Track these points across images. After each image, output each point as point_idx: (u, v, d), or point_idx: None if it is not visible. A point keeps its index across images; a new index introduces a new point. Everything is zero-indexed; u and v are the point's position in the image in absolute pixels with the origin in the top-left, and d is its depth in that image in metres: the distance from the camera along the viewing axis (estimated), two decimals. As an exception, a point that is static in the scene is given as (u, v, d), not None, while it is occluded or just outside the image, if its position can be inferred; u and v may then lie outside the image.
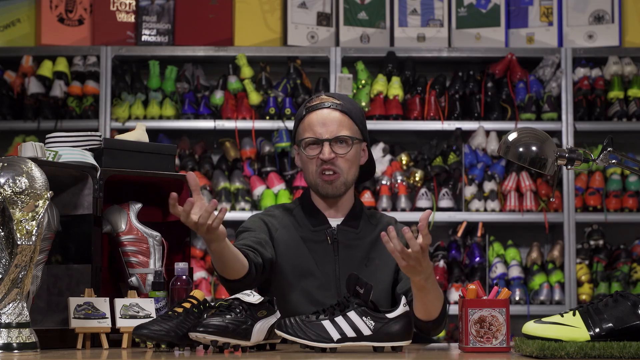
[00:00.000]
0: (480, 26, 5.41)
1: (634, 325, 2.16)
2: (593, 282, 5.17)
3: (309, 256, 2.85)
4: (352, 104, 2.92)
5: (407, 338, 2.32)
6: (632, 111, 5.23)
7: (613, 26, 5.34)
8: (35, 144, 2.49)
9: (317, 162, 2.84)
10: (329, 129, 2.84)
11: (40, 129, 5.18)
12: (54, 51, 5.35)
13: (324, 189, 2.86)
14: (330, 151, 2.83)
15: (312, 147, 2.85)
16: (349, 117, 2.87)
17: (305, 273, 2.83)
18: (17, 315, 2.25)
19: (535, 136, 2.45)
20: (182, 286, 2.56)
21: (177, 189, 2.82)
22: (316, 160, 2.84)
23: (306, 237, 2.88)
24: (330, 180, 2.84)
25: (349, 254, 2.85)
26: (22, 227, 2.19)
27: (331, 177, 2.84)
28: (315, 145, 2.85)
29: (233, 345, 2.27)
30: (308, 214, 2.91)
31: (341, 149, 2.84)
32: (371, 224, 2.94)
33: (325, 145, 2.83)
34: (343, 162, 2.84)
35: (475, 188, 5.19)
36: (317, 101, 2.90)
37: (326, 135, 2.84)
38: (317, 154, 2.84)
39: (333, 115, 2.85)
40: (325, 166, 2.83)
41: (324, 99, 2.89)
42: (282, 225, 2.90)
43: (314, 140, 2.85)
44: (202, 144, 5.41)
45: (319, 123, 2.84)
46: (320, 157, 2.83)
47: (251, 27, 5.35)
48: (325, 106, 2.87)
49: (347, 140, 2.84)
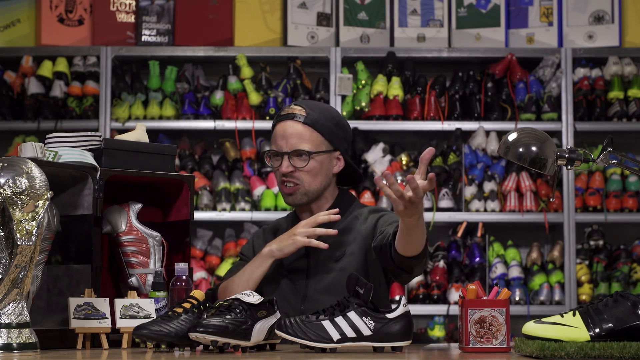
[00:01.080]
0: (480, 26, 5.41)
1: (634, 326, 2.16)
2: (593, 283, 5.17)
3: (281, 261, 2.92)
4: (321, 113, 2.95)
5: (407, 338, 2.32)
6: (632, 111, 5.23)
7: (613, 26, 5.34)
8: (35, 144, 2.49)
9: (279, 175, 2.94)
10: (288, 142, 2.91)
11: (40, 129, 5.18)
12: (54, 51, 5.35)
13: (286, 199, 2.97)
14: (288, 164, 2.91)
15: (275, 159, 2.95)
16: (312, 129, 2.92)
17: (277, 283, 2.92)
18: (17, 315, 2.25)
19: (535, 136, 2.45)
20: (182, 286, 2.56)
21: (177, 189, 2.82)
22: (277, 172, 2.95)
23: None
24: (290, 192, 2.93)
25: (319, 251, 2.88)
26: (22, 227, 2.19)
27: (291, 189, 2.93)
28: (277, 157, 2.94)
29: (233, 345, 2.27)
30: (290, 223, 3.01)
31: (299, 162, 2.91)
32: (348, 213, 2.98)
33: (284, 158, 2.92)
34: (303, 175, 2.92)
35: (475, 188, 5.19)
36: (286, 111, 2.96)
37: (285, 148, 2.91)
38: (278, 167, 2.93)
39: (294, 128, 2.92)
40: (284, 178, 2.93)
41: (292, 109, 2.96)
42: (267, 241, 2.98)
43: (274, 152, 2.94)
44: (202, 144, 5.41)
45: (280, 135, 2.93)
46: (280, 170, 2.92)
47: (251, 27, 5.35)
48: (289, 117, 2.94)
49: (304, 154, 2.91)
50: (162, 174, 2.78)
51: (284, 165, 2.91)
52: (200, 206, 5.13)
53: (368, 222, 2.93)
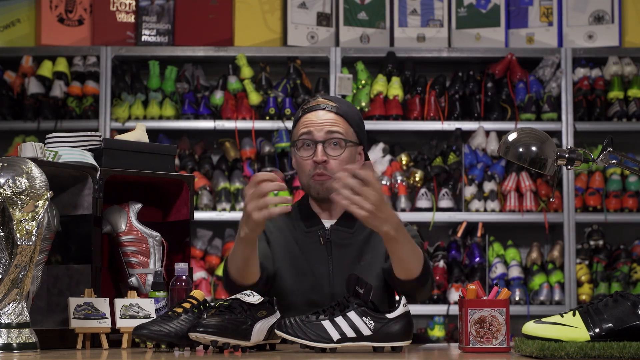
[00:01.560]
0: (480, 26, 5.41)
1: (633, 326, 2.16)
2: (593, 283, 5.17)
3: (302, 257, 2.83)
4: (349, 107, 2.89)
5: (407, 338, 2.32)
6: (632, 111, 5.23)
7: (613, 26, 5.34)
8: (35, 144, 2.49)
9: (311, 165, 2.81)
10: (322, 130, 2.80)
11: (40, 129, 5.18)
12: (54, 51, 5.35)
13: (315, 189, 2.83)
14: (322, 153, 2.79)
15: (305, 149, 2.82)
16: (344, 119, 2.84)
17: (300, 275, 2.82)
18: (17, 315, 2.25)
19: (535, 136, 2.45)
20: (182, 286, 2.56)
21: (177, 189, 2.82)
22: (310, 163, 2.81)
23: (299, 238, 2.86)
24: (322, 181, 2.80)
25: (343, 254, 2.82)
26: (22, 227, 2.20)
27: (323, 177, 2.80)
28: (308, 146, 2.82)
29: (233, 345, 2.27)
30: (304, 216, 2.90)
31: (334, 151, 2.80)
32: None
33: (319, 146, 2.79)
34: (336, 165, 2.80)
35: (475, 188, 5.19)
36: (314, 103, 2.87)
37: (319, 136, 2.80)
38: (310, 156, 2.81)
39: (328, 116, 2.82)
40: (317, 171, 2.80)
41: (320, 101, 2.87)
42: (277, 228, 2.89)
43: (307, 141, 2.82)
44: (202, 144, 5.41)
45: (313, 123, 2.81)
46: (314, 159, 2.80)
47: (251, 27, 5.35)
48: (320, 108, 2.84)
49: (340, 142, 2.81)
50: (162, 174, 2.78)
51: (319, 153, 2.79)
52: (200, 206, 5.13)
53: None
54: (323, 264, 2.82)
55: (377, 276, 2.83)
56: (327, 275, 2.82)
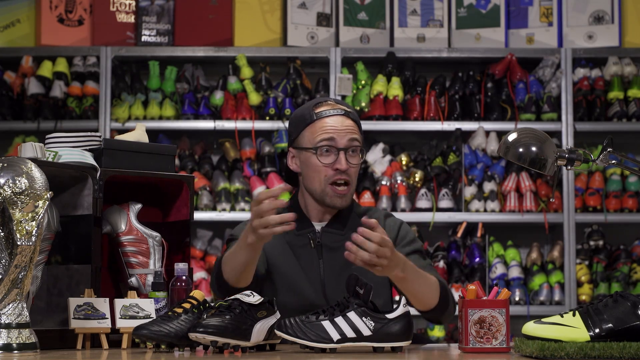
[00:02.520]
0: (480, 26, 5.41)
1: (633, 326, 2.16)
2: (593, 283, 5.17)
3: (294, 261, 2.80)
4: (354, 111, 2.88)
5: (407, 338, 2.32)
6: (632, 111, 5.23)
7: (613, 26, 5.34)
8: (35, 145, 2.49)
9: (330, 171, 2.77)
10: (345, 138, 2.77)
11: (40, 129, 5.18)
12: (54, 51, 5.35)
13: (333, 201, 2.79)
14: (346, 161, 2.77)
15: (325, 156, 2.77)
16: (356, 125, 2.83)
17: (291, 279, 2.79)
18: (17, 315, 2.25)
19: (535, 136, 2.45)
20: (182, 287, 2.56)
21: (177, 190, 2.82)
22: (328, 169, 2.78)
23: (291, 241, 2.82)
24: (343, 194, 2.78)
25: (334, 257, 2.78)
26: (22, 227, 2.19)
27: (344, 190, 2.78)
28: (328, 152, 2.77)
29: (233, 345, 2.27)
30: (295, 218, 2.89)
31: (354, 159, 2.79)
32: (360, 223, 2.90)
33: (341, 154, 2.76)
34: (354, 173, 2.79)
35: (475, 188, 5.19)
36: (329, 107, 2.82)
37: (342, 143, 2.77)
38: (331, 163, 2.77)
39: (347, 123, 2.80)
40: (339, 176, 2.76)
41: (337, 106, 2.83)
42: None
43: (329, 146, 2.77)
44: (202, 144, 5.41)
45: (336, 130, 2.77)
46: (337, 166, 2.76)
47: (251, 28, 5.36)
48: (341, 113, 2.80)
49: (357, 150, 2.80)
50: (162, 174, 2.78)
51: (343, 161, 2.75)
52: (200, 206, 5.13)
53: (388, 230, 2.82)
54: (314, 267, 2.78)
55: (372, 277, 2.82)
56: (318, 278, 2.80)
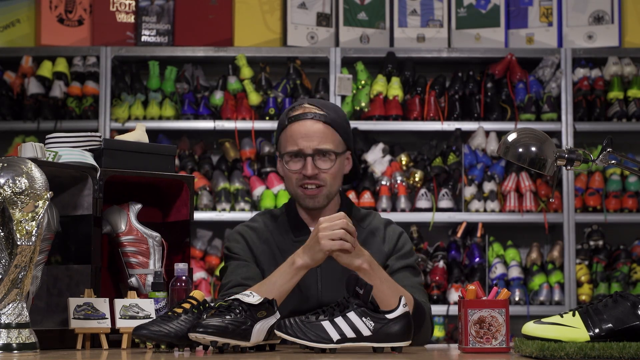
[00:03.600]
0: (480, 26, 5.41)
1: (633, 326, 2.16)
2: (593, 283, 5.17)
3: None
4: (336, 112, 2.83)
5: (407, 339, 2.32)
6: (632, 112, 5.23)
7: (613, 26, 5.34)
8: (35, 145, 2.49)
9: (299, 176, 2.78)
10: (312, 143, 2.76)
11: (40, 129, 5.18)
12: (54, 51, 5.35)
13: (305, 202, 2.81)
14: (313, 167, 2.76)
15: (294, 161, 2.78)
16: (332, 129, 2.79)
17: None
18: (17, 315, 2.25)
19: (534, 137, 2.45)
20: (181, 287, 2.56)
21: (177, 190, 2.82)
22: (298, 174, 2.78)
23: (287, 249, 2.80)
24: (313, 195, 2.78)
25: (331, 264, 2.71)
26: (21, 227, 2.20)
27: (314, 191, 2.78)
28: (297, 158, 2.78)
29: (233, 345, 2.27)
30: (292, 224, 2.87)
31: (325, 164, 2.77)
32: (361, 227, 2.86)
33: (308, 160, 2.76)
34: (327, 176, 2.78)
35: (475, 188, 5.19)
36: (300, 110, 2.80)
37: (309, 149, 2.76)
38: (300, 169, 2.77)
39: (316, 127, 2.77)
40: (307, 181, 2.77)
41: (307, 108, 2.80)
42: (263, 240, 2.85)
43: (296, 152, 2.77)
44: (202, 144, 5.41)
45: (302, 135, 2.76)
46: (303, 172, 2.76)
47: (251, 28, 5.35)
48: (308, 117, 2.78)
49: (330, 155, 2.78)
50: (162, 174, 2.78)
51: (309, 167, 2.75)
52: (200, 206, 5.13)
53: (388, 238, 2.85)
54: (311, 273, 2.74)
55: None
56: (315, 285, 2.79)
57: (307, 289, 2.78)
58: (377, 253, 2.77)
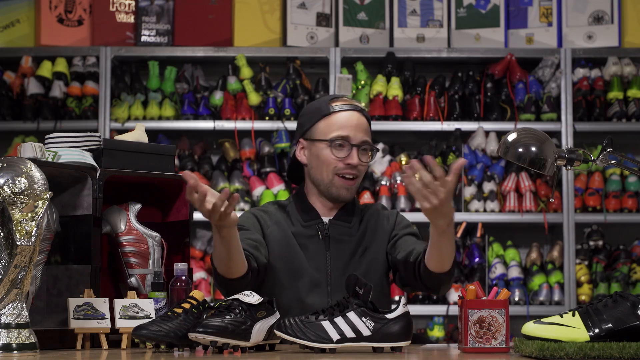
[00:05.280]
0: (479, 27, 5.41)
1: (633, 326, 2.16)
2: (592, 283, 5.17)
3: (299, 253, 2.83)
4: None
5: (407, 338, 2.32)
6: (632, 112, 5.23)
7: (612, 27, 5.34)
8: (35, 145, 2.49)
9: (341, 165, 2.83)
10: (360, 135, 2.85)
11: (40, 129, 5.18)
12: (54, 52, 5.35)
13: (340, 192, 2.85)
14: (357, 157, 2.84)
15: (338, 149, 2.84)
16: (368, 124, 2.90)
17: (296, 270, 2.82)
18: (17, 315, 2.25)
19: (534, 137, 2.46)
20: (181, 287, 2.56)
21: (177, 190, 2.82)
22: (339, 162, 2.83)
23: (297, 232, 2.87)
24: (349, 186, 2.85)
25: (341, 248, 2.84)
26: (21, 227, 2.19)
27: (352, 182, 2.84)
28: (341, 147, 2.84)
29: (232, 345, 2.27)
30: (301, 210, 2.91)
31: (365, 157, 2.86)
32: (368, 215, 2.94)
33: (354, 150, 2.83)
34: (363, 170, 2.87)
35: (475, 188, 5.19)
36: (347, 102, 2.90)
37: (357, 140, 2.84)
38: (343, 157, 2.83)
39: (362, 120, 2.88)
40: (348, 170, 2.83)
41: (350, 101, 2.90)
42: (274, 222, 2.89)
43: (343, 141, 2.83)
44: (202, 144, 5.41)
45: (352, 125, 2.85)
46: (349, 161, 2.83)
47: (251, 28, 5.36)
48: (357, 109, 2.88)
49: (370, 150, 2.87)
50: (161, 174, 2.78)
51: (355, 157, 2.83)
52: (199, 206, 5.12)
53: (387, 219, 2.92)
54: (321, 258, 2.82)
55: (375, 271, 2.84)
56: (324, 271, 2.82)
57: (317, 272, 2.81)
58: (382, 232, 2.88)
